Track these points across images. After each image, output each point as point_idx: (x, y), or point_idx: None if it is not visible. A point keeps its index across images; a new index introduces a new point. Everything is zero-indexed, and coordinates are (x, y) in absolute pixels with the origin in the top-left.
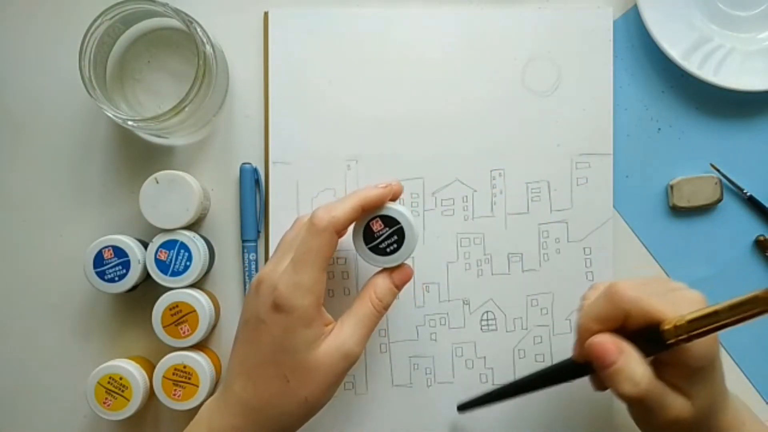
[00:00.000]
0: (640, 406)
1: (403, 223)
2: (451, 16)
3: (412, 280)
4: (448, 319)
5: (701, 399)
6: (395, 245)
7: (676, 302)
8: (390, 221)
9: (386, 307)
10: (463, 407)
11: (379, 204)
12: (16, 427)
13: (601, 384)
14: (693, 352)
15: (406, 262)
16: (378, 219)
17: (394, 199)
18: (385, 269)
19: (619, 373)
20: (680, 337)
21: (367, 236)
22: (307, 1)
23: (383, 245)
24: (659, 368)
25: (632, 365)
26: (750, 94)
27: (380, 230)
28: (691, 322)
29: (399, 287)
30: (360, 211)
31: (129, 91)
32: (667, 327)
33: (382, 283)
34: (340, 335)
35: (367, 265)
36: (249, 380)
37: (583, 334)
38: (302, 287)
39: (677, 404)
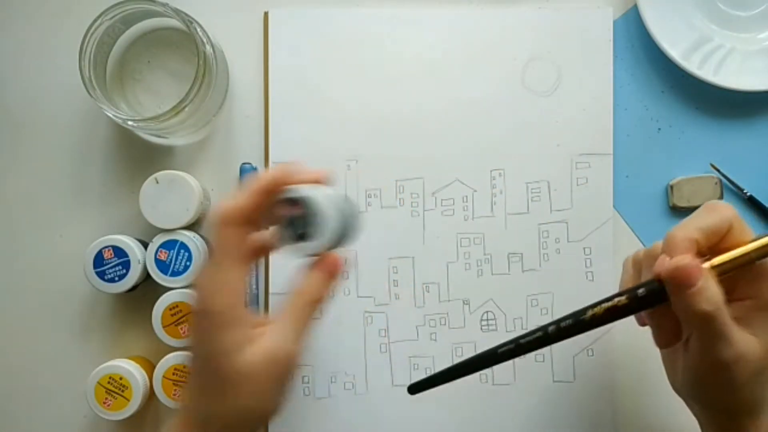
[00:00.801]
0: (707, 331)
1: (314, 205)
2: (451, 16)
3: (412, 280)
4: (448, 319)
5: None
6: (312, 230)
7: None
8: (304, 204)
9: (318, 300)
10: (415, 388)
11: (282, 182)
12: (16, 427)
13: (664, 336)
14: None
15: (338, 249)
16: (293, 202)
17: (320, 182)
18: (315, 261)
19: (700, 293)
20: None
21: (285, 223)
22: (307, 1)
23: (301, 231)
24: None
25: (710, 284)
26: (750, 94)
27: (296, 215)
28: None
29: (329, 277)
30: (264, 194)
31: (129, 91)
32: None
33: (311, 275)
34: (272, 336)
35: (367, 265)
36: (191, 392)
37: (685, 245)
38: (217, 286)
39: (744, 339)
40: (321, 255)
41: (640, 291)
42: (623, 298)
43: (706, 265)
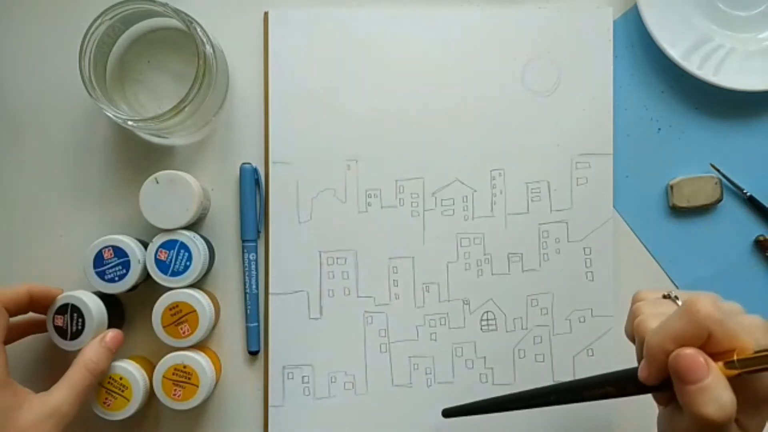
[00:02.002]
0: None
1: (82, 308)
2: (452, 16)
3: (412, 280)
4: (448, 319)
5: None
6: (80, 325)
7: (745, 327)
8: (67, 309)
9: (96, 369)
10: (449, 413)
11: (49, 296)
12: None
13: (666, 400)
14: (766, 382)
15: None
16: (57, 315)
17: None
18: (98, 335)
19: (705, 393)
20: (756, 368)
21: (59, 331)
22: (307, 1)
23: (74, 330)
24: None
25: (721, 386)
26: (750, 94)
27: (63, 324)
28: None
29: (108, 350)
30: (28, 295)
31: (129, 91)
32: (744, 355)
33: (96, 347)
34: (50, 399)
35: (368, 265)
36: None
37: (658, 355)
38: None
39: None
40: (104, 332)
41: (630, 387)
42: (613, 390)
43: (719, 363)
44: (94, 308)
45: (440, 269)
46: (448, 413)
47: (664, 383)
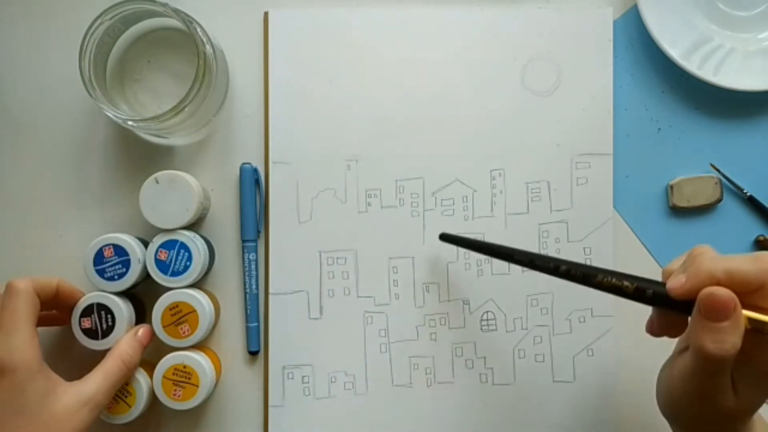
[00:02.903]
0: (702, 373)
1: (110, 305)
2: (451, 16)
3: (412, 280)
4: (448, 319)
5: (746, 402)
6: (110, 322)
7: None
8: (93, 309)
9: (129, 362)
10: (446, 238)
11: (73, 295)
12: None
13: (661, 328)
14: None
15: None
16: (85, 317)
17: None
18: (131, 330)
19: (717, 332)
20: None
21: (88, 333)
22: (307, 1)
23: (105, 328)
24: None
25: (733, 331)
26: (750, 94)
27: (91, 325)
28: None
29: (141, 344)
30: (56, 288)
31: (129, 91)
32: None
33: (131, 341)
34: (85, 387)
35: (367, 265)
36: None
37: (704, 279)
38: (17, 347)
39: (728, 395)
40: (138, 327)
41: (649, 291)
42: (631, 285)
43: (747, 312)
44: (122, 304)
45: (440, 269)
46: (445, 237)
47: (680, 304)
